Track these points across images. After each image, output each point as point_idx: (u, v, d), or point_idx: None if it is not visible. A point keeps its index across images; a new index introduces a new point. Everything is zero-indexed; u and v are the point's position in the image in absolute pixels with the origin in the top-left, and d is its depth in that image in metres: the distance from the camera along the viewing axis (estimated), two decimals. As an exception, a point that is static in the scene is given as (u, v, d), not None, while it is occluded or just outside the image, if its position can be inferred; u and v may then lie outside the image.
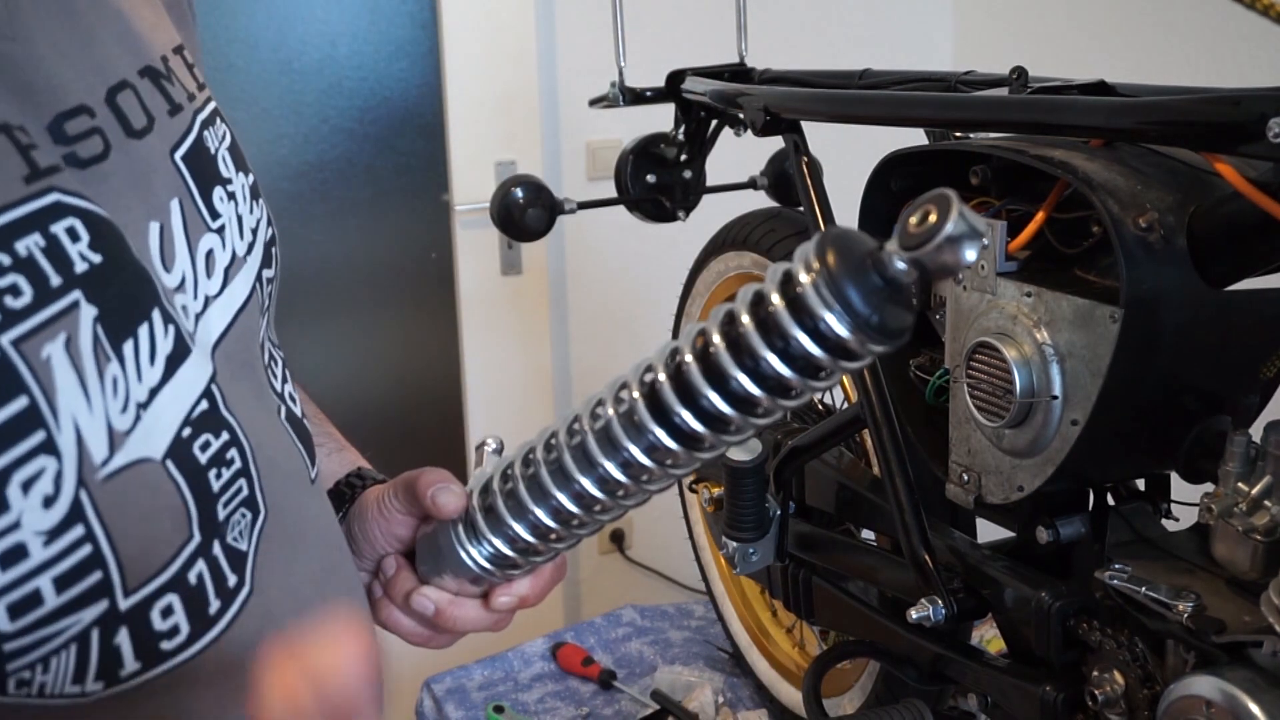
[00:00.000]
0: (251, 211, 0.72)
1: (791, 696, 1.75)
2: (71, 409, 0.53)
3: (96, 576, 0.54)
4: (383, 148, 2.59)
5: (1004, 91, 1.16)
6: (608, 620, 2.04)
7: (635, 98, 1.71)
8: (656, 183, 1.76)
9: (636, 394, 0.57)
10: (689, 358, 0.54)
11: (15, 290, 0.52)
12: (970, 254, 0.46)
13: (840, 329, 0.49)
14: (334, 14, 2.47)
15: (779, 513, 1.47)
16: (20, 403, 0.51)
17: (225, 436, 0.63)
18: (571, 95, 2.68)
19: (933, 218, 0.46)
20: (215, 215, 0.67)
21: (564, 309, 2.82)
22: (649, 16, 2.46)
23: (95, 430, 0.55)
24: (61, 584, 0.53)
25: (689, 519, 1.97)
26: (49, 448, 0.52)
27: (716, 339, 0.53)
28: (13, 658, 0.52)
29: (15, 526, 0.51)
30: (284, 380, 0.79)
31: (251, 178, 0.74)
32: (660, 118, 1.76)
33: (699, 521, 1.93)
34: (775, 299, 0.51)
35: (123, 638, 0.56)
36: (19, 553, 0.51)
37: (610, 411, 0.59)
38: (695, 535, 1.96)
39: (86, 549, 0.54)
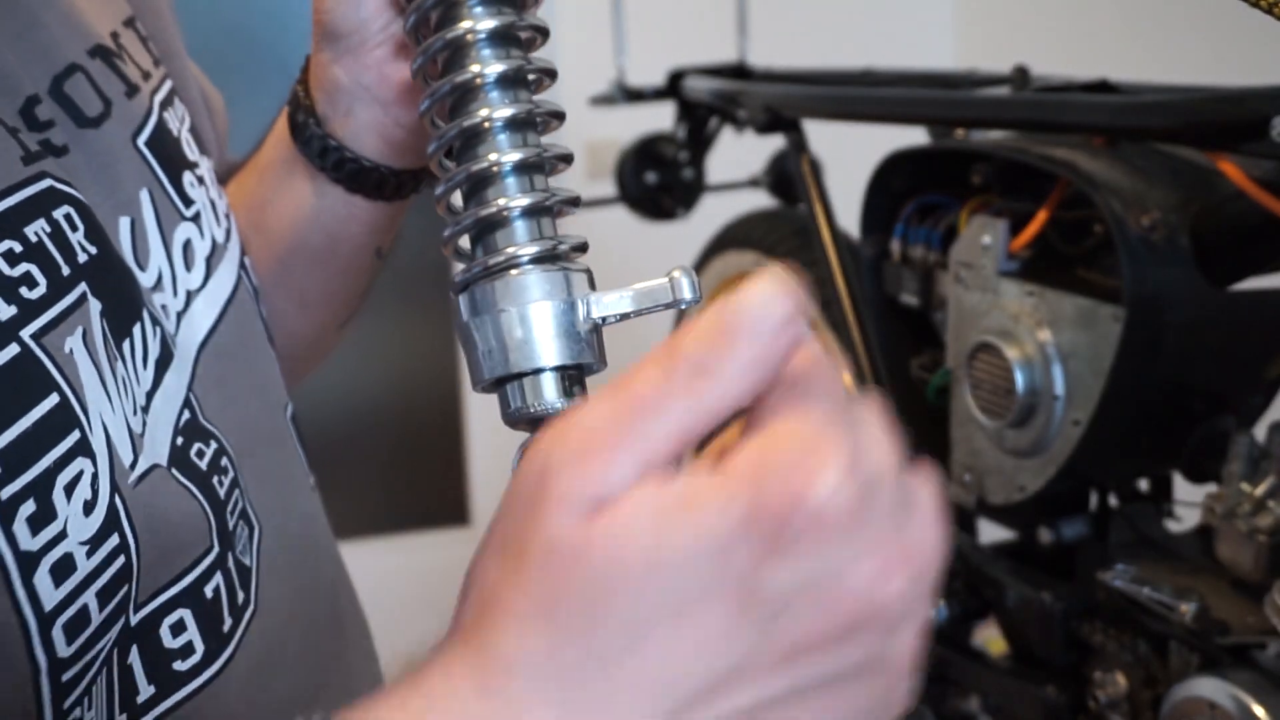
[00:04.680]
0: (221, 195, 0.67)
1: (792, 697, 1.75)
2: (98, 408, 0.49)
3: (125, 590, 0.50)
4: (382, 147, 2.59)
5: (1006, 90, 1.16)
6: (607, 621, 2.03)
7: (635, 96, 1.71)
8: (656, 182, 1.75)
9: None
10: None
11: (30, 280, 0.48)
12: None
13: None
14: (333, 13, 2.48)
15: (779, 513, 1.46)
16: (51, 400, 0.47)
17: (214, 445, 0.60)
18: (571, 94, 2.68)
19: None
20: (189, 202, 0.62)
21: (564, 309, 2.82)
22: (649, 15, 2.46)
23: (120, 431, 0.51)
24: (103, 599, 0.48)
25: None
26: (85, 449, 0.48)
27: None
28: (68, 690, 0.48)
29: (62, 536, 0.46)
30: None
31: (211, 161, 0.69)
32: (660, 117, 1.76)
33: (699, 522, 1.93)
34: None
35: (134, 658, 0.52)
36: (68, 566, 0.47)
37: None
38: (695, 535, 1.96)
39: (121, 560, 0.49)
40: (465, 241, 0.57)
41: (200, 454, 0.58)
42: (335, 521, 0.77)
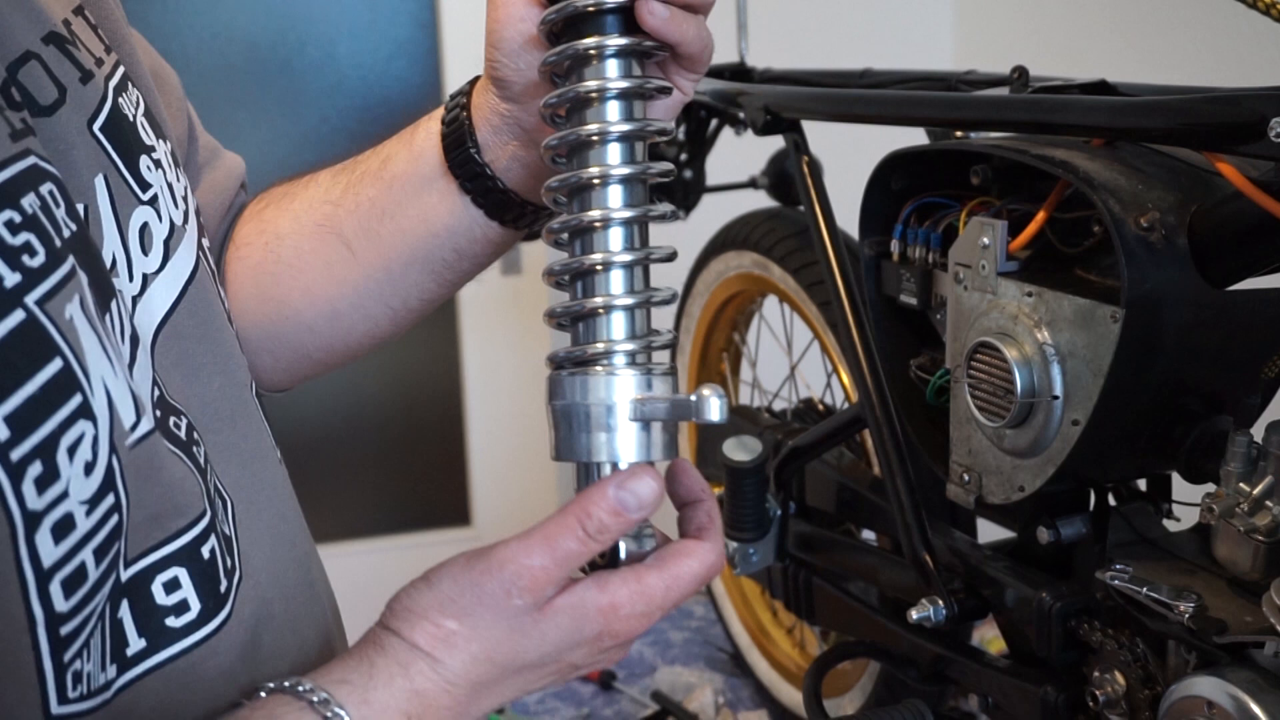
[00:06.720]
0: (179, 179, 0.68)
1: (792, 697, 1.75)
2: (100, 372, 0.52)
3: (118, 547, 0.53)
4: (383, 147, 2.58)
5: (1005, 91, 1.16)
6: (608, 620, 2.03)
7: (635, 97, 1.70)
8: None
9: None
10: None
11: (30, 249, 0.50)
12: None
13: None
14: (334, 14, 2.47)
15: (779, 513, 1.46)
16: (55, 365, 0.49)
17: (185, 420, 0.62)
18: (572, 95, 2.67)
19: None
20: (145, 186, 0.63)
21: (564, 309, 2.81)
22: (649, 16, 2.45)
23: (122, 395, 0.53)
24: (99, 555, 0.51)
25: (689, 519, 1.96)
26: (86, 412, 0.50)
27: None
28: (68, 643, 0.50)
29: (64, 496, 0.49)
30: None
31: (169, 144, 0.69)
32: (660, 117, 1.76)
33: (699, 521, 1.93)
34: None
35: (124, 612, 0.55)
36: (68, 524, 0.49)
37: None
38: (695, 535, 1.95)
39: (115, 519, 0.52)
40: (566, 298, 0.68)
41: (177, 426, 0.61)
42: (337, 522, 0.78)
